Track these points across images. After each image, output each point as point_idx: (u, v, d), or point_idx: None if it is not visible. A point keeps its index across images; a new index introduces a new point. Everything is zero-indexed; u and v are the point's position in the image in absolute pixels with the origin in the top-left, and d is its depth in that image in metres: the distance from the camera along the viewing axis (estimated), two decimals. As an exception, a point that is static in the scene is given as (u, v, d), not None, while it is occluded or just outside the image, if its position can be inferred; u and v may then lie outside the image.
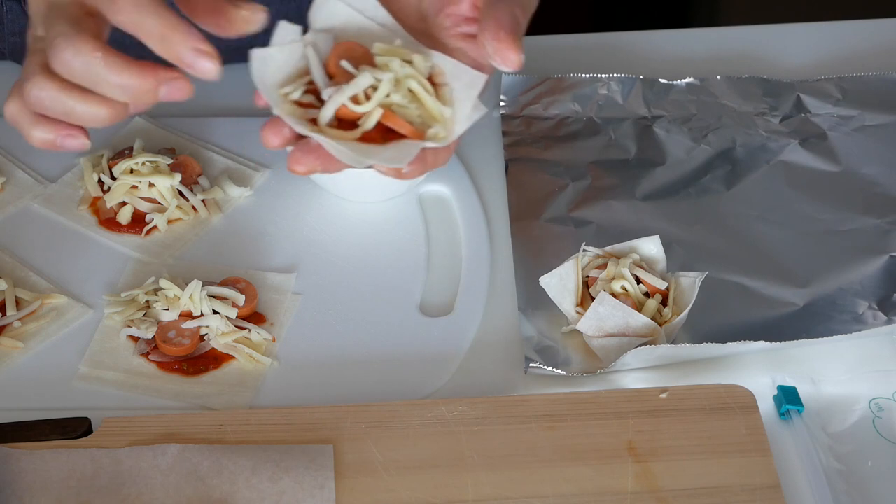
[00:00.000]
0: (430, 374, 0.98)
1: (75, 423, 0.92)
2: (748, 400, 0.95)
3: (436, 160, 0.91)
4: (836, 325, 1.01)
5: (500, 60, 0.88)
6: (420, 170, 0.91)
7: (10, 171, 1.11)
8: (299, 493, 0.88)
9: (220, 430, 0.92)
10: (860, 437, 0.95)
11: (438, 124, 0.89)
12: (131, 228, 1.07)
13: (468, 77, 0.90)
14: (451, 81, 0.91)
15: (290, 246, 1.07)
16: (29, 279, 1.03)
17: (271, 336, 1.00)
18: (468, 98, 0.90)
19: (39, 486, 0.88)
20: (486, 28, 0.88)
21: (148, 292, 1.01)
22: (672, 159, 1.15)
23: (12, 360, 0.98)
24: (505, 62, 0.88)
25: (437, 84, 0.91)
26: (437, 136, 0.89)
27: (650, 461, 0.91)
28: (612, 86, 1.20)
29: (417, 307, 1.03)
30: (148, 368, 0.98)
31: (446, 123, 0.90)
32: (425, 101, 0.89)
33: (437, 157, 0.91)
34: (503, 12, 0.89)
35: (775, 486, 0.90)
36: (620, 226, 1.09)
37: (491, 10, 0.89)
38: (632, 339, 0.98)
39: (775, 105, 1.19)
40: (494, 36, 0.88)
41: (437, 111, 0.89)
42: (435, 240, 1.09)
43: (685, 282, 1.00)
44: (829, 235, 1.09)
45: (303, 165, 0.88)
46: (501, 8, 0.89)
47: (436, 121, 0.89)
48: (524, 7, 0.91)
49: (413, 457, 0.91)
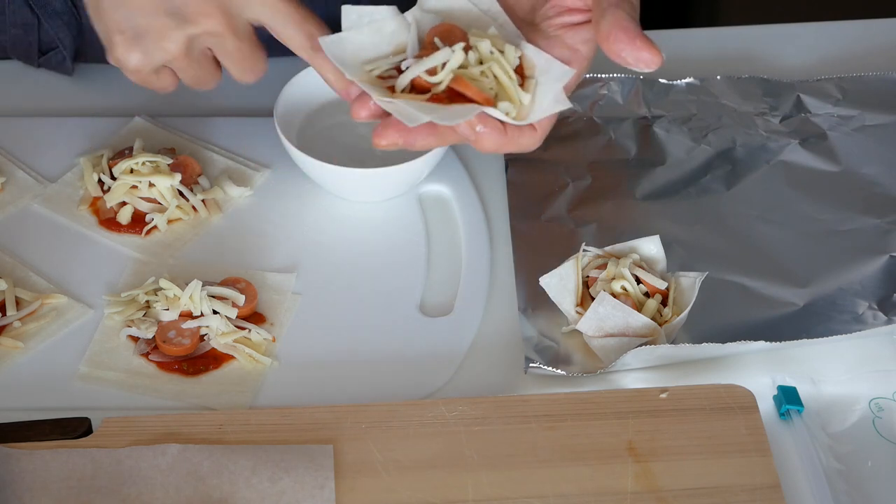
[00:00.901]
0: (430, 374, 0.98)
1: (75, 423, 0.92)
2: (748, 400, 0.95)
3: (518, 141, 0.90)
4: (836, 325, 1.01)
5: (642, 66, 0.89)
6: (498, 141, 0.90)
7: (10, 171, 1.11)
8: (299, 493, 0.88)
9: (220, 430, 0.92)
10: (860, 437, 0.95)
11: (513, 105, 0.89)
12: (131, 228, 1.07)
13: (557, 71, 0.90)
14: (540, 75, 0.91)
15: (290, 246, 1.07)
16: (29, 279, 1.03)
17: (271, 336, 1.00)
18: (551, 91, 0.90)
19: (39, 486, 0.88)
20: (617, 39, 0.88)
21: (148, 292, 1.01)
22: (672, 159, 1.15)
23: (12, 360, 0.98)
24: (648, 64, 0.89)
25: (525, 76, 0.91)
26: (509, 114, 0.89)
27: (650, 461, 0.91)
28: (612, 86, 1.20)
29: (417, 307, 1.03)
30: (148, 368, 0.98)
31: (522, 108, 0.90)
32: (505, 85, 0.89)
33: (520, 137, 0.90)
34: (624, 19, 0.88)
35: (775, 486, 0.90)
36: (620, 226, 1.09)
37: (611, 21, 0.88)
38: (632, 339, 0.98)
39: (775, 105, 1.19)
40: (631, 46, 0.88)
41: (514, 94, 0.89)
42: (435, 240, 1.08)
43: (685, 282, 1.00)
44: (829, 235, 1.09)
45: (384, 139, 0.90)
46: (618, 14, 0.88)
47: (512, 101, 0.89)
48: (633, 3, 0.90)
49: (413, 457, 0.91)
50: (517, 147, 0.91)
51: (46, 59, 1.17)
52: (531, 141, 0.91)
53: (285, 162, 1.10)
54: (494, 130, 0.89)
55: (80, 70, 1.19)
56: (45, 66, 1.18)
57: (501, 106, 0.89)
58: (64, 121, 1.15)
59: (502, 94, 0.89)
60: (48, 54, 1.17)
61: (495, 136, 0.89)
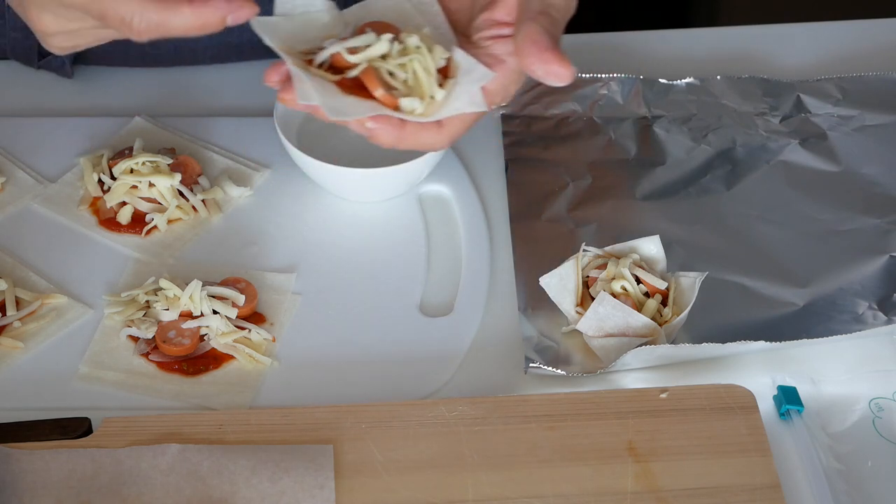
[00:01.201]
0: (430, 374, 0.98)
1: (75, 423, 0.92)
2: (748, 400, 0.95)
3: (419, 138, 0.90)
4: (836, 325, 1.01)
5: (553, 80, 0.89)
6: (393, 136, 0.90)
7: (10, 171, 1.11)
8: (299, 493, 0.88)
9: (220, 430, 0.92)
10: (860, 437, 0.95)
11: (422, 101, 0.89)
12: (131, 228, 1.07)
13: (478, 73, 0.91)
14: (461, 76, 0.91)
15: (290, 246, 1.07)
16: (29, 279, 1.03)
17: (271, 336, 1.00)
18: (468, 92, 0.90)
19: (39, 486, 0.88)
20: (528, 53, 0.88)
21: (148, 292, 1.01)
22: (672, 159, 1.15)
23: (12, 360, 0.98)
24: (559, 78, 0.89)
25: (448, 77, 0.91)
26: (414, 111, 0.89)
27: (650, 461, 0.91)
28: (612, 86, 1.20)
29: (417, 307, 1.03)
30: (148, 368, 0.98)
31: (433, 105, 0.90)
32: (421, 80, 0.89)
33: (422, 134, 0.91)
34: (536, 32, 0.89)
35: (775, 486, 0.90)
36: (620, 226, 1.09)
37: (524, 33, 0.89)
38: (632, 339, 0.98)
39: (775, 105, 1.19)
40: (539, 59, 0.88)
41: (426, 89, 0.90)
42: (435, 240, 1.08)
43: (685, 282, 1.00)
44: (829, 235, 1.09)
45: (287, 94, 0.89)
46: (533, 28, 0.89)
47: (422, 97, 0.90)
48: (554, 17, 0.90)
49: (413, 457, 0.91)
50: (418, 144, 0.91)
51: (46, 62, 1.17)
52: (435, 139, 0.91)
53: (285, 162, 1.10)
54: (389, 126, 0.89)
55: (80, 70, 1.19)
56: (45, 68, 1.18)
57: (405, 102, 0.88)
58: (64, 121, 1.15)
59: (416, 90, 0.89)
60: (48, 58, 1.17)
61: (390, 130, 0.89)
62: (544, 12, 0.90)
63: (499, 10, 0.92)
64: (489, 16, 0.92)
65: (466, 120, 0.91)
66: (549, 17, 0.90)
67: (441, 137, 0.91)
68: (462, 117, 0.91)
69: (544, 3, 0.90)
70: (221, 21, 0.85)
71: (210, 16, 0.84)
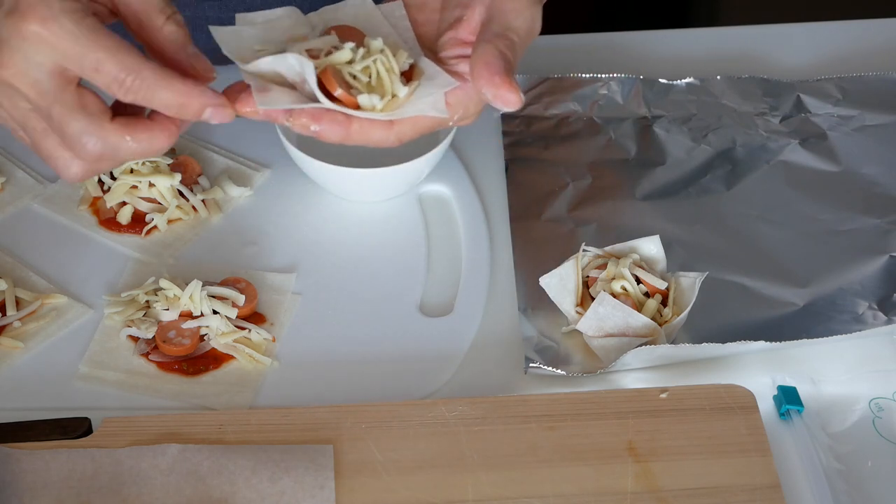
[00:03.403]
0: (430, 374, 0.98)
1: (75, 423, 0.92)
2: (748, 400, 0.95)
3: (368, 134, 0.91)
4: (836, 325, 1.01)
5: (501, 104, 0.90)
6: (339, 133, 0.90)
7: (10, 171, 1.11)
8: (299, 493, 0.88)
9: (220, 430, 0.92)
10: (860, 437, 0.95)
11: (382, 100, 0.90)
12: (131, 228, 1.07)
13: (442, 80, 0.91)
14: (426, 81, 0.92)
15: (290, 246, 1.07)
16: (29, 279, 1.03)
17: (271, 336, 1.00)
18: (430, 95, 0.91)
19: (39, 486, 0.88)
20: (479, 75, 0.89)
21: (148, 292, 1.01)
22: (672, 159, 1.15)
23: (12, 360, 0.98)
24: (506, 104, 0.89)
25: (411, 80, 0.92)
26: (374, 108, 0.89)
27: (650, 461, 0.91)
28: (612, 86, 1.20)
29: (417, 307, 1.03)
30: (148, 368, 0.98)
31: (393, 102, 0.90)
32: (382, 78, 0.90)
33: (368, 133, 0.91)
34: (490, 54, 0.89)
35: (775, 486, 0.90)
36: (620, 226, 1.09)
37: (479, 55, 0.90)
38: (632, 339, 0.98)
39: (775, 105, 1.19)
40: (489, 82, 0.89)
41: (387, 87, 0.90)
42: (435, 240, 1.09)
43: (685, 282, 1.00)
44: (829, 235, 1.09)
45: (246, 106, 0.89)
46: (488, 50, 0.90)
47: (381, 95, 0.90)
48: (512, 41, 0.91)
49: (413, 457, 0.91)
50: (367, 141, 0.91)
51: None
52: (384, 137, 0.91)
53: (285, 162, 1.10)
54: (334, 123, 0.89)
55: (80, 70, 1.19)
56: None
57: (363, 99, 0.89)
58: (64, 121, 1.15)
59: (377, 89, 0.90)
60: None
61: (336, 128, 0.89)
62: (502, 35, 0.90)
63: (463, 29, 0.93)
64: (454, 34, 0.93)
65: (420, 124, 0.91)
66: (506, 41, 0.90)
67: (390, 135, 0.91)
68: (415, 120, 0.91)
69: (504, 26, 0.91)
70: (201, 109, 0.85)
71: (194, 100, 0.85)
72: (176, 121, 0.86)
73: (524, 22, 0.92)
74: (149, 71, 0.83)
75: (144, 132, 0.85)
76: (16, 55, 0.83)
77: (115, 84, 0.83)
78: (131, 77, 0.83)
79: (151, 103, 0.84)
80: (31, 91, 0.83)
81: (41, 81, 0.83)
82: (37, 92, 0.83)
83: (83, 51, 0.82)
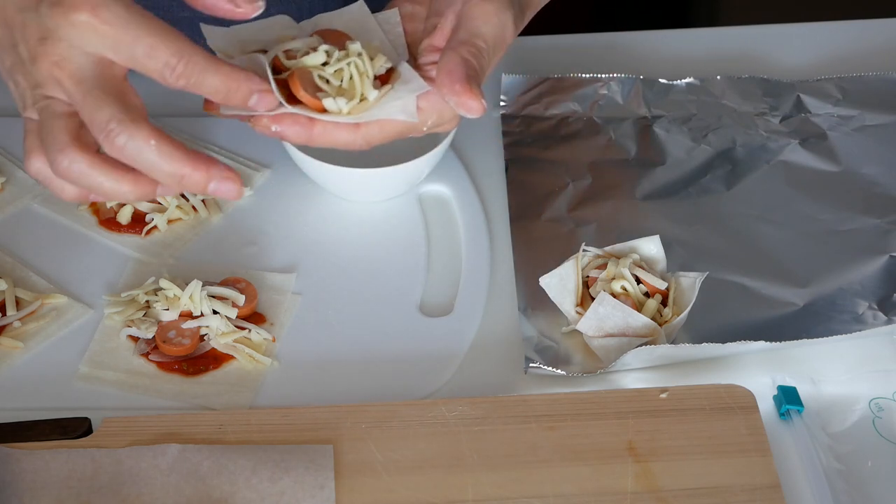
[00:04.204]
0: (430, 374, 0.98)
1: (75, 423, 0.92)
2: (748, 400, 0.95)
3: (330, 137, 0.91)
4: (836, 325, 1.01)
5: (464, 111, 0.90)
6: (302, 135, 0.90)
7: (10, 171, 1.11)
8: (299, 493, 0.88)
9: (220, 430, 0.92)
10: (860, 437, 0.95)
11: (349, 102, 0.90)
12: (131, 228, 1.07)
13: (415, 84, 0.92)
14: (399, 85, 0.92)
15: (290, 246, 1.07)
16: (29, 279, 1.03)
17: (271, 336, 1.00)
18: (401, 99, 0.91)
19: (39, 486, 0.88)
20: (442, 83, 0.89)
21: (148, 292, 1.01)
22: (672, 159, 1.15)
23: (12, 360, 0.98)
24: (469, 111, 0.90)
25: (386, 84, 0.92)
26: (341, 111, 0.90)
27: (650, 461, 0.91)
28: (612, 86, 1.20)
29: (417, 307, 1.03)
30: (148, 368, 0.98)
31: (362, 105, 0.91)
32: (353, 81, 0.90)
33: (333, 134, 0.91)
34: (453, 62, 0.89)
35: (775, 486, 0.90)
36: (620, 226, 1.09)
37: (443, 62, 0.90)
38: (632, 339, 0.98)
39: (775, 105, 1.19)
40: (450, 90, 0.89)
41: (357, 89, 0.90)
42: (435, 240, 1.09)
43: (685, 282, 1.00)
44: (829, 235, 1.09)
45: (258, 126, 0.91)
46: (451, 57, 0.90)
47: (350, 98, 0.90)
48: (478, 47, 0.91)
49: (413, 457, 0.91)
50: (332, 143, 0.91)
51: None
52: (349, 139, 0.91)
53: (285, 162, 1.10)
54: (296, 125, 0.89)
55: (80, 70, 1.19)
56: None
57: (328, 103, 0.89)
58: (64, 121, 1.15)
59: (348, 92, 0.90)
60: None
61: (298, 130, 0.90)
62: (468, 42, 0.90)
63: (437, 36, 0.94)
64: (430, 42, 0.94)
65: (388, 128, 0.91)
66: (472, 48, 0.90)
67: (356, 138, 0.91)
68: (383, 123, 0.91)
69: (470, 33, 0.91)
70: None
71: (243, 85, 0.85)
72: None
73: (492, 28, 0.92)
74: (199, 56, 0.83)
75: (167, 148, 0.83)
76: (60, 44, 0.82)
77: (168, 69, 0.83)
78: (183, 62, 0.83)
79: (201, 88, 0.84)
80: (71, 80, 0.83)
81: (84, 68, 0.82)
82: (76, 80, 0.83)
83: (135, 37, 0.82)
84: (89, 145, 0.84)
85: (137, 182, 0.84)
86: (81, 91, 0.83)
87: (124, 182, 0.84)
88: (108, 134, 0.83)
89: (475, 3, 0.92)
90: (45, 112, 0.84)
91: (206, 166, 0.84)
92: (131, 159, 0.83)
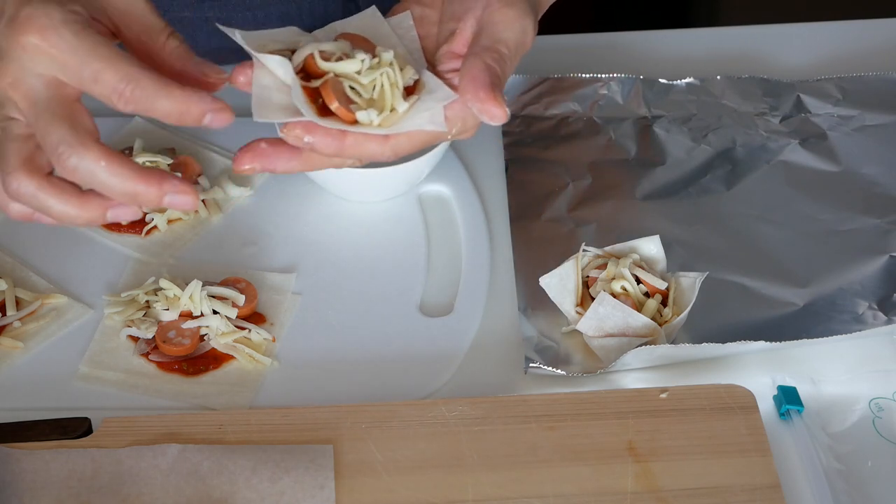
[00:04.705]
0: (430, 374, 0.98)
1: (75, 423, 0.92)
2: (748, 400, 0.95)
3: (360, 149, 0.90)
4: (836, 325, 1.01)
5: (487, 118, 0.89)
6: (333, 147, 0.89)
7: (10, 171, 1.11)
8: (299, 493, 0.88)
9: (220, 430, 0.92)
10: (860, 437, 0.95)
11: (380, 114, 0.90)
12: (131, 228, 1.07)
13: (442, 93, 0.91)
14: (426, 95, 0.92)
15: (290, 246, 1.07)
16: (29, 279, 1.03)
17: (271, 336, 1.00)
18: (428, 109, 0.91)
19: (39, 486, 0.88)
20: (465, 89, 0.89)
21: (148, 292, 1.01)
22: (672, 159, 1.15)
23: (12, 360, 0.98)
24: (492, 118, 0.89)
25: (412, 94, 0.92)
26: (371, 123, 0.89)
27: (650, 461, 0.91)
28: (612, 86, 1.20)
29: (417, 307, 1.03)
30: (148, 368, 0.98)
31: (392, 116, 0.90)
32: (385, 92, 0.90)
33: (363, 146, 0.90)
34: (477, 68, 0.89)
35: (775, 486, 0.90)
36: (620, 226, 1.09)
37: (466, 68, 0.89)
38: (632, 339, 0.98)
39: (775, 105, 1.19)
40: (474, 97, 0.88)
41: (388, 101, 0.90)
42: (435, 240, 1.09)
43: (685, 282, 1.00)
44: (829, 235, 1.09)
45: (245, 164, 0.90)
46: (475, 64, 0.89)
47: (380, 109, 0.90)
48: (501, 53, 0.90)
49: (413, 457, 0.91)
50: (362, 155, 0.90)
51: None
52: (378, 150, 0.90)
53: (285, 162, 1.10)
54: (328, 137, 0.88)
55: (80, 70, 1.19)
56: None
57: (361, 115, 0.89)
58: (64, 121, 1.15)
59: (378, 103, 0.90)
60: None
61: (329, 142, 0.89)
62: (491, 48, 0.90)
63: (457, 42, 0.93)
64: (449, 48, 0.93)
65: (416, 138, 0.91)
66: (495, 54, 0.90)
67: (385, 150, 0.90)
68: (411, 134, 0.90)
69: (493, 39, 0.90)
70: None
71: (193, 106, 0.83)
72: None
73: (514, 34, 0.91)
74: (148, 80, 0.82)
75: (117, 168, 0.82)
76: (12, 65, 0.82)
77: (115, 94, 0.82)
78: (131, 87, 0.82)
79: (152, 112, 0.83)
80: (25, 101, 0.83)
81: (36, 90, 0.82)
82: (30, 101, 0.83)
83: (82, 61, 0.82)
84: (40, 168, 0.84)
85: (84, 206, 0.84)
86: (34, 113, 0.83)
87: (70, 205, 0.84)
88: (59, 157, 0.82)
89: (497, 9, 0.91)
90: (4, 133, 0.84)
91: (159, 182, 0.83)
92: (84, 181, 0.83)
